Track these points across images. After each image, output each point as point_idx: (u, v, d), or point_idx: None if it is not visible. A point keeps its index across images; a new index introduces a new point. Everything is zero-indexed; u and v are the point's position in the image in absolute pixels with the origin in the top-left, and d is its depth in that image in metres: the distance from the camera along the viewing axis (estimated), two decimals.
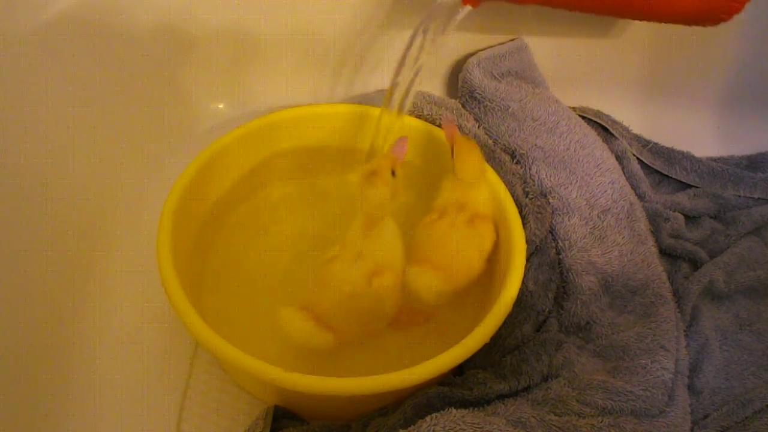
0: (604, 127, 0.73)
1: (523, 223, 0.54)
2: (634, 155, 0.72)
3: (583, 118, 0.72)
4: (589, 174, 0.61)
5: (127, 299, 0.57)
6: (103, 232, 0.59)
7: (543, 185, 0.60)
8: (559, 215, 0.58)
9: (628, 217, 0.61)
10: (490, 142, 0.64)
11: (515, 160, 0.62)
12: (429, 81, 0.73)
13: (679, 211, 0.68)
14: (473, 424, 0.41)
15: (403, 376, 0.41)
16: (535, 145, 0.62)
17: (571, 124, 0.64)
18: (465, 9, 0.52)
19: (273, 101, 0.72)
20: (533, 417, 0.44)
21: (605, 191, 0.61)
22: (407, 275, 0.50)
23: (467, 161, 0.53)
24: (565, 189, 0.59)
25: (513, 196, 0.56)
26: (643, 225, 0.62)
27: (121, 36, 0.61)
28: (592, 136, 0.65)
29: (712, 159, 0.75)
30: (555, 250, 0.57)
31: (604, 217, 0.59)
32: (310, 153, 0.63)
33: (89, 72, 0.58)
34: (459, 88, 0.68)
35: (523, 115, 0.64)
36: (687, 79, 0.78)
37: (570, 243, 0.57)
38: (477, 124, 0.66)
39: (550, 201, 0.59)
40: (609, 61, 0.75)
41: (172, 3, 0.63)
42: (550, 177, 0.60)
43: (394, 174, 0.48)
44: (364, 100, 0.67)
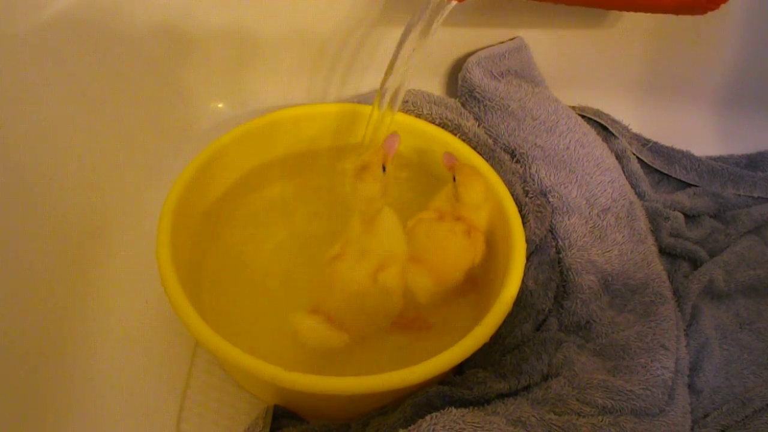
0: (603, 126, 0.73)
1: (523, 222, 0.54)
2: (634, 154, 0.72)
3: (583, 117, 0.72)
4: (588, 173, 0.61)
5: (127, 299, 0.57)
6: (103, 232, 0.59)
7: (543, 184, 0.60)
8: (559, 214, 0.58)
9: (628, 216, 0.61)
10: (490, 141, 0.64)
11: (515, 160, 0.63)
12: (429, 80, 0.73)
13: (678, 210, 0.68)
14: (473, 423, 0.41)
15: (403, 375, 0.41)
16: (535, 144, 0.62)
17: (570, 123, 0.64)
18: (451, 4, 0.52)
19: (273, 101, 0.72)
20: (533, 416, 0.43)
21: (605, 190, 0.61)
22: (406, 274, 0.50)
23: (471, 189, 0.53)
24: (564, 188, 0.59)
25: (513, 195, 0.56)
26: (642, 224, 0.62)
27: (121, 36, 0.61)
28: (591, 135, 0.65)
29: (711, 158, 0.75)
30: (555, 249, 0.57)
31: (604, 216, 0.59)
32: (310, 152, 0.63)
33: (89, 72, 0.58)
34: (459, 87, 0.68)
35: (522, 115, 0.64)
36: (687, 78, 0.78)
37: (570, 242, 0.57)
38: (477, 124, 0.66)
39: (550, 200, 0.59)
40: (609, 60, 0.75)
41: (172, 3, 0.63)
42: (550, 176, 0.60)
43: (384, 170, 0.48)
44: (363, 99, 0.67)
